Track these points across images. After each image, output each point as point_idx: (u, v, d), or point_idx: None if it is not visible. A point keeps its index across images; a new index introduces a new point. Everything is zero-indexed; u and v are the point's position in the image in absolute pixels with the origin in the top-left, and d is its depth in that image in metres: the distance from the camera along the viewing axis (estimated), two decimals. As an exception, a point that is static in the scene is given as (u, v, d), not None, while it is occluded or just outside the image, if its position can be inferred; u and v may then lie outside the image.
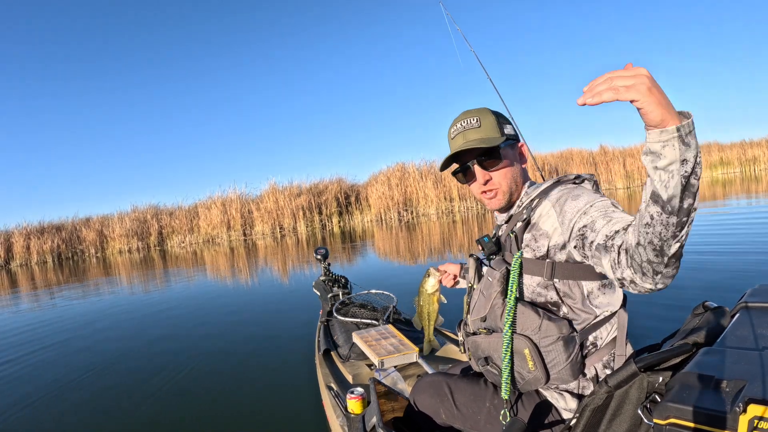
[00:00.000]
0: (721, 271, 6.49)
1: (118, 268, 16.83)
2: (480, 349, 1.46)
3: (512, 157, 1.50)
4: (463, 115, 1.51)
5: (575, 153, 28.96)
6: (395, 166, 26.33)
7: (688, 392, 0.95)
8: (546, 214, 1.35)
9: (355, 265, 10.31)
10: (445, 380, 1.60)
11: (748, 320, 1.22)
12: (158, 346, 5.21)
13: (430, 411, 1.59)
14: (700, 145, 0.91)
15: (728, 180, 26.80)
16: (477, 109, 1.51)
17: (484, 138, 1.45)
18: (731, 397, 0.89)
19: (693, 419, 0.90)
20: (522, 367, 1.34)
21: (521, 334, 1.33)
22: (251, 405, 3.33)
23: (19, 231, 26.28)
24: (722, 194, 17.41)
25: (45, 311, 8.75)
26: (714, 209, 12.30)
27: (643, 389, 1.07)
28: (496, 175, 1.47)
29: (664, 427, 0.94)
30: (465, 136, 1.48)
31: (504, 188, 1.48)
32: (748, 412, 0.83)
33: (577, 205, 1.26)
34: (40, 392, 4.06)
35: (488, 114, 1.49)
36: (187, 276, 11.91)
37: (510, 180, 1.48)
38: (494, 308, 1.41)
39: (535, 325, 1.32)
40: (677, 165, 0.86)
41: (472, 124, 1.47)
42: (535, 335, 1.32)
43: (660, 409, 0.96)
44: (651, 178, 0.91)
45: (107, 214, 28.35)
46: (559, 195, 1.34)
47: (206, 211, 26.47)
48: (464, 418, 1.52)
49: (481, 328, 1.47)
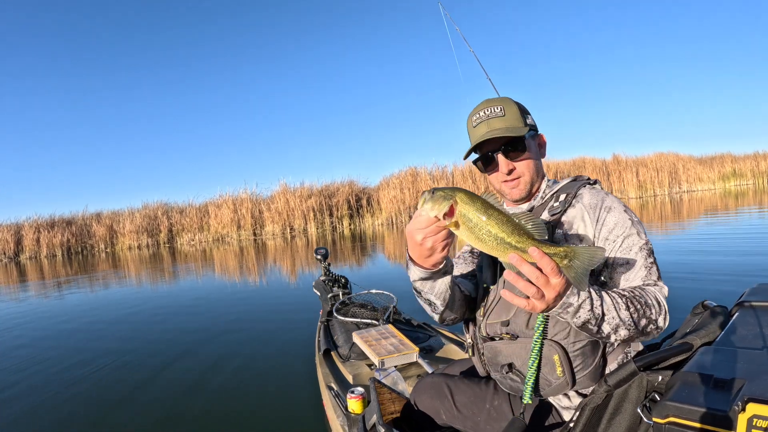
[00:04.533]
0: (720, 270, 6.44)
1: (127, 263, 16.98)
2: (501, 355, 1.39)
3: (534, 148, 1.49)
4: (486, 103, 1.47)
5: (588, 161, 28.84)
6: (407, 170, 26.37)
7: (687, 391, 0.94)
8: (580, 218, 1.36)
9: (358, 266, 10.35)
10: (446, 381, 1.59)
11: (747, 319, 1.21)
12: (158, 344, 5.22)
13: (431, 411, 1.59)
14: (713, 156, 1.00)
15: (741, 192, 26.54)
16: (500, 98, 1.48)
17: (509, 127, 1.42)
18: (730, 395, 0.89)
19: (692, 418, 0.89)
20: (550, 374, 1.30)
21: (551, 339, 1.28)
22: (252, 405, 3.33)
23: (29, 224, 26.60)
24: (734, 205, 17.24)
25: (50, 303, 8.85)
26: (719, 218, 12.22)
27: (642, 388, 1.06)
28: (519, 165, 1.45)
29: (664, 425, 0.94)
30: (489, 124, 1.44)
31: (527, 178, 1.46)
32: (747, 411, 0.83)
33: (619, 225, 1.32)
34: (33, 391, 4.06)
35: (511, 103, 1.47)
36: (193, 274, 12.00)
37: (533, 170, 1.47)
38: (519, 313, 1.33)
39: (566, 330, 1.27)
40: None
41: (496, 112, 1.44)
42: (566, 340, 1.27)
43: (659, 407, 0.95)
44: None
45: (118, 210, 28.65)
46: (592, 201, 1.37)
47: (217, 209, 26.62)
48: (464, 418, 1.51)
49: (503, 333, 1.38)
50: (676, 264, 7.46)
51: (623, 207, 1.37)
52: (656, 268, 1.30)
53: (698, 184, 31.57)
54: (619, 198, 1.41)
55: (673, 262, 7.59)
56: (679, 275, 6.50)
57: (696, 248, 8.49)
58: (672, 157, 31.41)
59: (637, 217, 1.36)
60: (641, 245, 1.30)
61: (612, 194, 1.42)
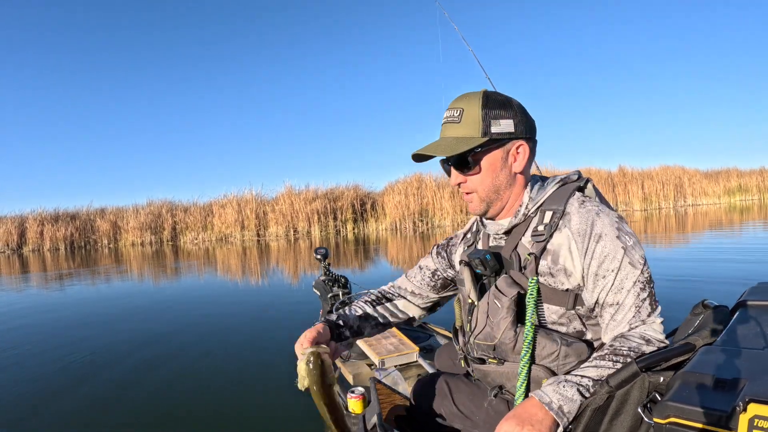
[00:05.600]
0: (720, 269, 6.41)
1: (129, 259, 17.01)
2: (490, 377, 1.36)
3: (495, 159, 1.28)
4: (455, 101, 1.31)
5: (594, 172, 28.77)
6: (413, 176, 26.32)
7: (688, 391, 0.95)
8: (567, 248, 1.22)
9: (360, 268, 10.38)
10: (446, 380, 1.59)
11: (747, 319, 1.21)
12: (156, 343, 5.21)
13: (431, 411, 1.59)
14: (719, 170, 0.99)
15: (746, 207, 26.45)
16: (469, 96, 1.28)
17: (459, 138, 1.26)
18: (732, 395, 0.89)
19: (693, 418, 0.89)
20: None
21: (539, 364, 1.23)
22: (251, 404, 3.33)
23: (33, 217, 26.66)
24: (739, 220, 17.17)
25: (51, 296, 8.88)
26: (723, 230, 12.19)
27: (644, 389, 1.06)
28: (471, 179, 1.30)
29: (665, 426, 0.94)
30: (444, 130, 1.30)
31: (481, 194, 1.30)
32: (749, 411, 0.83)
33: (609, 257, 1.19)
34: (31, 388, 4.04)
35: (476, 105, 1.25)
36: (195, 272, 12.02)
37: (488, 187, 1.29)
38: (505, 338, 1.27)
39: (554, 354, 1.22)
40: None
41: (453, 117, 1.27)
42: (554, 363, 1.23)
43: (660, 408, 0.95)
44: None
45: (122, 206, 28.69)
46: (581, 227, 1.21)
47: (221, 209, 26.67)
48: (463, 418, 1.52)
49: (490, 357, 1.33)
50: (676, 264, 7.44)
51: (615, 231, 1.20)
52: (650, 301, 1.19)
53: (703, 198, 31.46)
54: (614, 212, 1.27)
55: (674, 262, 7.57)
56: (680, 275, 6.49)
57: (698, 252, 8.48)
58: (678, 170, 31.33)
59: (632, 239, 1.21)
60: (635, 280, 1.18)
61: (605, 208, 1.25)
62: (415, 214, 25.06)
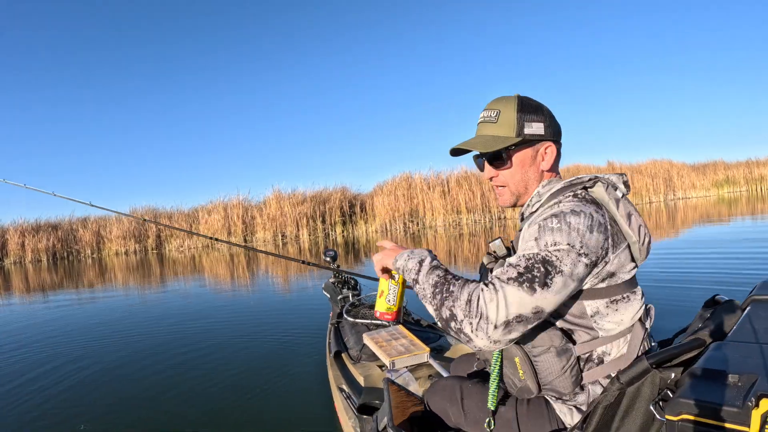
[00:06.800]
0: (731, 264, 6.47)
1: (114, 270, 16.74)
2: (481, 351, 1.49)
3: (526, 157, 1.41)
4: (492, 103, 1.44)
5: (582, 168, 28.90)
6: (401, 176, 26.09)
7: (699, 387, 0.95)
8: (530, 230, 1.27)
9: (363, 267, 10.35)
10: (459, 384, 1.62)
11: (758, 314, 1.22)
12: (167, 349, 5.17)
13: (441, 413, 1.62)
14: (706, 163, 0.99)
15: (734, 199, 26.80)
16: (505, 99, 1.41)
17: (495, 137, 1.39)
18: (743, 391, 0.89)
19: (705, 415, 0.90)
20: (513, 375, 1.35)
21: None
22: (264, 406, 3.36)
23: (14, 228, 26.10)
24: (727, 213, 17.39)
25: (37, 312, 8.72)
26: (723, 223, 12.33)
27: (655, 385, 1.06)
28: (503, 173, 1.44)
29: (677, 423, 0.94)
30: (481, 128, 1.44)
31: (512, 188, 1.44)
32: (761, 407, 0.84)
33: (526, 238, 1.26)
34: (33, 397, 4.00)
35: (512, 108, 1.38)
36: (194, 279, 11.88)
37: (518, 181, 1.43)
38: None
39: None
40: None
41: (491, 117, 1.41)
42: (525, 344, 1.30)
43: (672, 404, 0.96)
44: None
45: (105, 215, 28.17)
46: (549, 214, 1.26)
47: (207, 215, 26.37)
48: (470, 422, 1.54)
49: None
50: (687, 259, 7.49)
51: (557, 222, 1.22)
52: (516, 272, 1.17)
53: (692, 191, 31.85)
54: (598, 215, 1.24)
55: (685, 257, 7.62)
56: (690, 270, 6.54)
57: (707, 245, 8.47)
58: (666, 164, 31.61)
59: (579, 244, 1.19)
60: (531, 253, 1.20)
61: (585, 209, 1.25)
62: (406, 215, 24.95)
